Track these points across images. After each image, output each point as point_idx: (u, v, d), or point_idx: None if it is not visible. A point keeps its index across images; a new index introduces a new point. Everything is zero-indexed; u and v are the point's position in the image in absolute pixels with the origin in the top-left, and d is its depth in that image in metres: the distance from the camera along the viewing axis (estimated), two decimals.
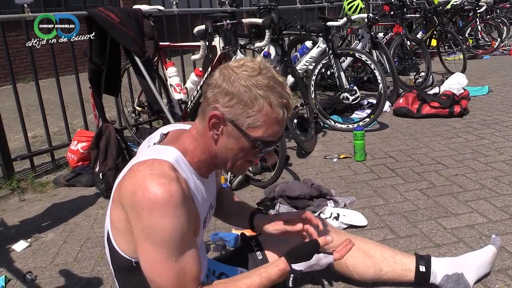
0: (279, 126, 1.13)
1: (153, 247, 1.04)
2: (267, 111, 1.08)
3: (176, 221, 1.03)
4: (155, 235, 1.03)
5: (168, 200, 1.02)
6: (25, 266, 2.02)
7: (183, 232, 1.06)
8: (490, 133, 3.51)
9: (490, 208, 2.26)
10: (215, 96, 1.08)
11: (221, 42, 2.88)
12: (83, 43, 2.84)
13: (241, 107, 1.07)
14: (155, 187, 1.02)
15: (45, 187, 2.95)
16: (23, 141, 3.24)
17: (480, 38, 8.40)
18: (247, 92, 1.06)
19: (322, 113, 3.96)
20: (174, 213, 1.03)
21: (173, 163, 1.10)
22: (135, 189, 1.04)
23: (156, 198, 1.01)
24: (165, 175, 1.05)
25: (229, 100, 1.07)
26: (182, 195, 1.05)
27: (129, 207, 1.06)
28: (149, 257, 1.06)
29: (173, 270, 1.05)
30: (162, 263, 1.05)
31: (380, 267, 1.54)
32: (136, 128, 3.93)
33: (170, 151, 1.14)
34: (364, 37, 4.73)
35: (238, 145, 1.12)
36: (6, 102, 4.30)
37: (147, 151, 1.17)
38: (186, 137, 1.18)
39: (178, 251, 1.06)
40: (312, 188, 2.43)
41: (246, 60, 1.12)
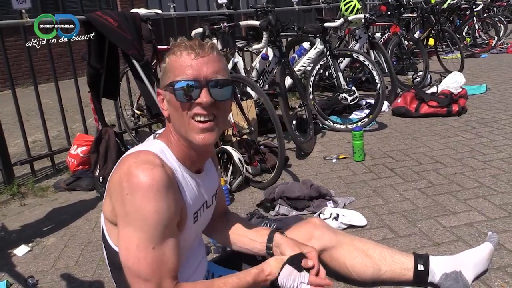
0: (189, 67, 1.10)
1: (133, 232, 1.04)
2: (173, 59, 1.12)
3: (158, 206, 1.04)
4: (137, 219, 1.04)
5: (150, 184, 1.03)
6: (27, 271, 2.03)
7: (165, 219, 1.05)
8: (488, 132, 3.52)
9: (488, 206, 2.27)
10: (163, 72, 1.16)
11: (219, 44, 2.89)
12: (81, 47, 2.85)
13: (162, 73, 1.15)
14: (138, 172, 1.04)
15: (46, 191, 2.96)
16: (23, 146, 3.25)
17: (477, 37, 8.42)
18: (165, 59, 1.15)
19: (321, 114, 3.97)
20: (156, 196, 1.04)
21: (158, 153, 1.13)
22: (120, 177, 1.06)
23: (139, 182, 1.03)
24: (149, 161, 1.07)
25: (161, 76, 1.16)
26: (166, 180, 1.06)
27: (115, 196, 1.08)
28: (128, 242, 1.05)
29: (150, 258, 1.04)
30: (140, 249, 1.04)
31: (379, 266, 1.54)
32: (135, 131, 3.94)
33: (155, 143, 1.18)
34: (361, 37, 4.74)
35: (171, 105, 1.13)
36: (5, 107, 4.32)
37: (137, 147, 1.20)
38: (167, 131, 1.21)
39: (157, 238, 1.05)
40: (312, 189, 2.44)
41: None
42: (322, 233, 1.54)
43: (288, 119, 3.16)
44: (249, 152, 2.92)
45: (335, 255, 1.54)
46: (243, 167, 2.71)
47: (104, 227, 1.20)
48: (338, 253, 1.55)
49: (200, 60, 1.09)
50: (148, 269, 1.04)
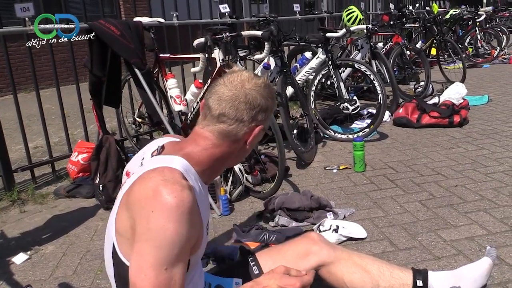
0: None
1: (150, 249, 1.03)
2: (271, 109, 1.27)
3: (181, 229, 1.03)
4: (157, 238, 1.03)
5: (178, 205, 1.03)
6: (25, 279, 2.02)
7: (182, 243, 1.05)
8: (490, 143, 3.51)
9: (490, 220, 2.26)
10: (255, 116, 1.21)
11: (221, 54, 2.90)
12: (84, 53, 2.86)
13: (266, 115, 1.24)
14: (167, 192, 1.04)
15: (46, 198, 2.95)
16: (24, 152, 3.25)
17: (479, 47, 8.44)
18: (270, 101, 1.24)
19: (322, 124, 3.97)
20: (181, 219, 1.03)
21: (183, 171, 1.13)
22: (146, 193, 1.05)
23: (167, 202, 1.03)
24: (178, 182, 1.07)
25: (265, 115, 1.24)
26: (192, 203, 1.07)
27: (137, 211, 1.07)
28: (142, 259, 1.04)
29: (160, 279, 1.02)
30: (153, 268, 1.02)
31: (378, 282, 1.53)
32: (136, 139, 3.94)
33: (177, 160, 1.16)
34: (363, 47, 4.76)
35: (257, 140, 1.27)
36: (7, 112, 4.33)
37: (153, 161, 1.18)
38: (192, 146, 1.21)
39: (171, 261, 1.04)
40: (312, 200, 2.43)
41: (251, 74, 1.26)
42: (320, 248, 1.53)
43: (289, 128, 3.16)
44: (249, 162, 2.92)
45: (333, 271, 1.53)
46: (243, 176, 2.70)
47: (116, 243, 1.18)
48: (336, 269, 1.53)
49: None
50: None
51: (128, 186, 1.14)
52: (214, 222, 2.45)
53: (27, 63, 3.55)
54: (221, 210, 2.54)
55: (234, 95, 1.18)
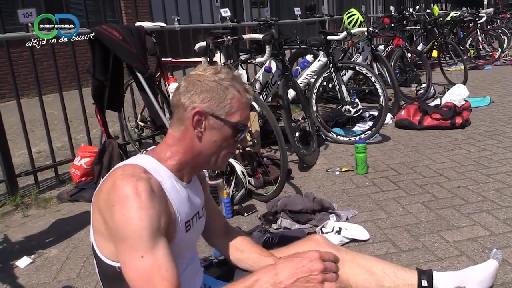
0: (248, 110, 1.26)
1: (124, 243, 1.05)
2: (238, 97, 1.21)
3: (143, 214, 1.05)
4: (124, 229, 1.05)
5: (134, 193, 1.06)
6: (29, 283, 2.03)
7: (151, 228, 1.06)
8: (492, 145, 3.51)
9: (492, 221, 2.25)
10: (191, 99, 1.19)
11: (222, 58, 2.92)
12: (86, 58, 2.87)
13: (216, 99, 1.19)
14: (123, 184, 1.08)
15: (49, 202, 2.96)
16: (27, 156, 3.26)
17: (481, 49, 8.44)
18: (218, 85, 1.19)
19: (324, 126, 3.98)
20: (140, 205, 1.05)
21: (145, 167, 1.16)
22: (108, 189, 1.10)
23: (123, 193, 1.06)
24: (135, 174, 1.11)
25: (204, 96, 1.19)
26: (149, 191, 1.09)
27: (104, 208, 1.10)
28: (122, 254, 1.06)
29: (141, 267, 1.03)
30: (131, 259, 1.04)
31: (382, 283, 1.53)
32: (139, 143, 3.96)
33: (145, 158, 1.22)
34: (364, 50, 4.76)
35: (221, 135, 1.22)
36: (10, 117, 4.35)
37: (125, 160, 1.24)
38: (161, 146, 1.26)
39: (145, 247, 1.04)
40: (314, 202, 2.43)
41: (204, 66, 1.26)
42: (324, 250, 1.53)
43: (290, 131, 3.17)
44: (252, 165, 2.92)
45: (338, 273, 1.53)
46: (245, 179, 2.71)
47: (93, 240, 1.21)
48: (340, 271, 1.51)
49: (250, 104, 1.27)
50: (140, 279, 1.03)
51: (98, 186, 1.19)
52: None
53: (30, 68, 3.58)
54: (224, 213, 2.54)
55: (178, 85, 1.25)
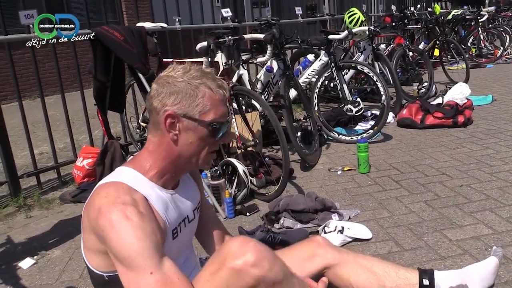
0: (224, 107, 1.22)
1: (126, 268, 1.04)
2: (210, 94, 1.18)
3: (138, 232, 1.05)
4: (122, 252, 1.04)
5: (124, 218, 1.06)
6: (31, 284, 2.03)
7: (152, 244, 1.05)
8: (495, 143, 3.50)
9: (495, 219, 2.25)
10: (162, 101, 1.17)
11: (223, 58, 2.92)
12: (88, 59, 2.87)
13: (187, 100, 1.16)
14: (109, 211, 1.07)
15: (51, 203, 2.97)
16: (29, 158, 3.27)
17: (482, 47, 8.42)
18: (187, 85, 1.16)
19: (326, 126, 3.97)
20: (133, 226, 1.05)
21: (128, 183, 1.15)
22: (94, 212, 1.09)
23: (111, 219, 1.06)
24: (118, 198, 1.10)
25: (175, 98, 1.16)
26: (138, 215, 1.08)
27: (94, 230, 1.11)
28: (127, 279, 1.05)
29: (154, 283, 1.02)
30: (140, 279, 1.03)
31: (384, 282, 1.53)
32: (141, 143, 3.96)
33: (125, 172, 1.21)
34: (366, 49, 4.76)
35: (197, 136, 1.20)
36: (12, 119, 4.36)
37: (110, 174, 1.24)
38: (141, 154, 1.25)
39: (151, 263, 1.04)
40: (317, 202, 2.43)
41: (174, 65, 1.22)
42: (325, 251, 1.53)
43: (292, 131, 3.17)
44: (253, 164, 2.92)
45: (339, 273, 1.53)
46: (247, 179, 2.71)
47: (83, 252, 1.23)
48: (342, 271, 1.53)
49: (226, 98, 1.22)
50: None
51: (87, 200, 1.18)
52: None
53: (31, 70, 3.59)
54: (226, 213, 2.54)
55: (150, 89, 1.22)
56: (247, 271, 1.09)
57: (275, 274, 1.13)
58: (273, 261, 1.15)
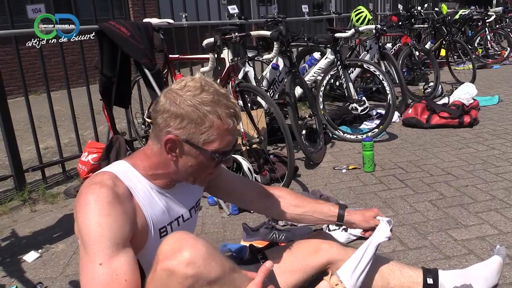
0: (232, 136, 1.17)
1: (82, 249, 1.04)
2: (218, 125, 1.11)
3: (102, 219, 1.04)
4: (83, 235, 1.04)
5: (95, 200, 1.06)
6: (36, 277, 2.04)
7: (112, 234, 1.03)
8: (501, 143, 3.48)
9: (501, 220, 2.23)
10: (166, 121, 1.12)
11: (230, 54, 2.91)
12: (94, 55, 2.88)
13: (193, 126, 1.10)
14: (86, 192, 1.08)
15: (56, 198, 2.98)
16: (34, 152, 3.28)
17: (489, 48, 8.38)
18: (195, 111, 1.10)
19: (331, 124, 3.97)
20: (100, 211, 1.04)
21: (116, 173, 1.16)
22: (76, 198, 1.11)
23: (84, 200, 1.07)
24: (99, 182, 1.10)
25: (180, 122, 1.10)
26: (111, 198, 1.07)
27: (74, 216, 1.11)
28: (80, 260, 1.05)
29: (97, 275, 0.99)
30: (88, 265, 1.01)
31: (388, 280, 1.53)
32: (146, 139, 3.96)
33: (118, 164, 1.21)
34: (372, 48, 4.74)
35: (197, 161, 1.16)
36: (18, 114, 4.38)
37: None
38: (139, 153, 1.24)
39: (105, 254, 1.01)
40: (321, 199, 2.42)
41: (187, 80, 1.15)
42: (330, 246, 1.53)
43: (297, 128, 3.16)
44: (258, 162, 2.92)
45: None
46: (252, 176, 2.71)
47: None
48: None
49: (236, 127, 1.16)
50: (95, 287, 0.99)
51: None
52: (223, 221, 2.46)
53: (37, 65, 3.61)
54: (230, 210, 2.54)
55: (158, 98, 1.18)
56: (180, 271, 0.99)
57: (212, 272, 1.03)
58: (210, 257, 1.04)
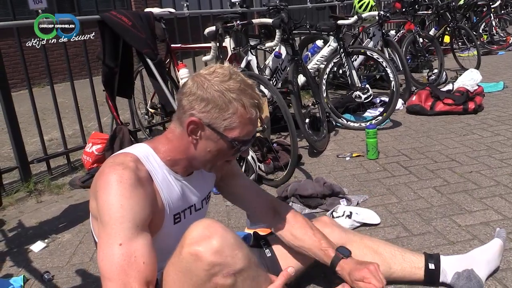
0: (253, 126, 1.19)
1: (103, 228, 1.05)
2: (241, 113, 1.13)
3: (124, 201, 1.05)
4: (104, 214, 1.05)
5: (118, 181, 1.07)
6: (43, 266, 2.06)
7: (132, 215, 1.05)
8: (505, 129, 3.46)
9: (505, 205, 2.23)
10: (191, 103, 1.14)
11: (232, 43, 2.90)
12: (97, 47, 2.88)
13: (217, 111, 1.12)
14: (109, 171, 1.09)
15: (61, 189, 3.00)
16: (39, 144, 3.30)
17: (494, 34, 8.27)
18: (221, 96, 1.12)
19: (334, 112, 3.95)
20: (123, 193, 1.06)
21: (139, 156, 1.17)
22: (96, 177, 1.12)
23: (107, 179, 1.07)
24: (122, 163, 1.11)
25: (204, 105, 1.12)
26: (134, 180, 1.09)
27: (93, 194, 1.12)
28: (99, 239, 1.05)
29: (116, 256, 1.00)
30: (107, 245, 1.02)
31: (389, 265, 1.53)
32: (149, 129, 3.97)
33: (140, 147, 1.22)
34: (375, 35, 4.70)
35: (216, 147, 1.18)
36: (22, 106, 4.40)
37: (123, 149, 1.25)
38: (161, 138, 1.25)
39: (125, 235, 1.02)
40: (325, 187, 2.43)
41: (216, 67, 1.17)
42: (332, 230, 1.54)
43: (301, 117, 3.15)
44: (262, 150, 2.92)
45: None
46: (256, 165, 2.71)
47: (92, 226, 1.23)
48: None
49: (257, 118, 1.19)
50: (114, 268, 1.00)
51: None
52: (228, 210, 2.47)
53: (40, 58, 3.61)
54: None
55: (186, 81, 1.19)
56: (207, 258, 1.02)
57: (237, 263, 1.06)
58: (237, 248, 1.07)
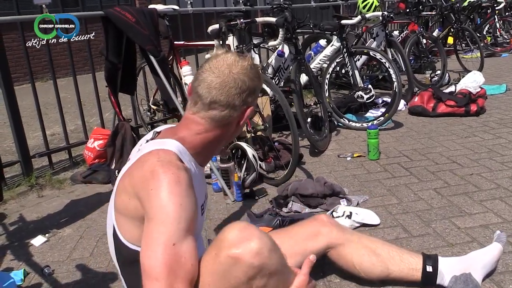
0: None
1: (156, 226, 1.03)
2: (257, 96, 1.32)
3: (182, 201, 1.05)
4: (161, 213, 1.04)
5: (176, 181, 1.07)
6: (43, 260, 2.07)
7: (188, 216, 1.05)
8: (507, 132, 3.46)
9: (505, 208, 2.23)
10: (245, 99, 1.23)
11: (235, 41, 2.90)
12: (99, 42, 2.88)
13: (256, 94, 1.29)
14: (163, 171, 1.08)
15: (63, 184, 3.01)
16: (41, 138, 3.31)
17: (498, 36, 8.24)
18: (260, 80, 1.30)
19: (336, 112, 3.95)
20: (180, 193, 1.06)
21: (177, 153, 1.17)
22: (145, 175, 1.09)
23: (164, 179, 1.06)
24: (173, 163, 1.11)
25: (255, 95, 1.28)
26: (189, 182, 1.10)
27: (140, 193, 1.09)
28: (149, 237, 1.03)
29: (168, 254, 1.00)
30: (158, 244, 1.00)
31: (387, 265, 1.53)
32: (151, 126, 3.98)
33: (170, 142, 1.20)
34: (378, 35, 4.69)
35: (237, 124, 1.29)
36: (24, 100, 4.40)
37: (148, 145, 1.22)
38: (186, 132, 1.24)
39: (179, 235, 1.02)
40: (325, 187, 2.43)
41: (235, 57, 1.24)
42: (330, 230, 1.54)
43: (302, 116, 3.16)
44: (263, 149, 2.93)
45: (342, 253, 1.54)
46: (257, 163, 2.71)
47: (115, 223, 1.21)
48: (345, 251, 1.54)
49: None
50: (163, 267, 0.99)
51: (125, 171, 1.18)
52: (228, 208, 2.48)
53: (43, 52, 3.61)
54: (234, 196, 2.56)
55: (224, 82, 1.19)
56: (246, 260, 1.04)
57: (274, 264, 1.09)
58: (273, 250, 1.10)
